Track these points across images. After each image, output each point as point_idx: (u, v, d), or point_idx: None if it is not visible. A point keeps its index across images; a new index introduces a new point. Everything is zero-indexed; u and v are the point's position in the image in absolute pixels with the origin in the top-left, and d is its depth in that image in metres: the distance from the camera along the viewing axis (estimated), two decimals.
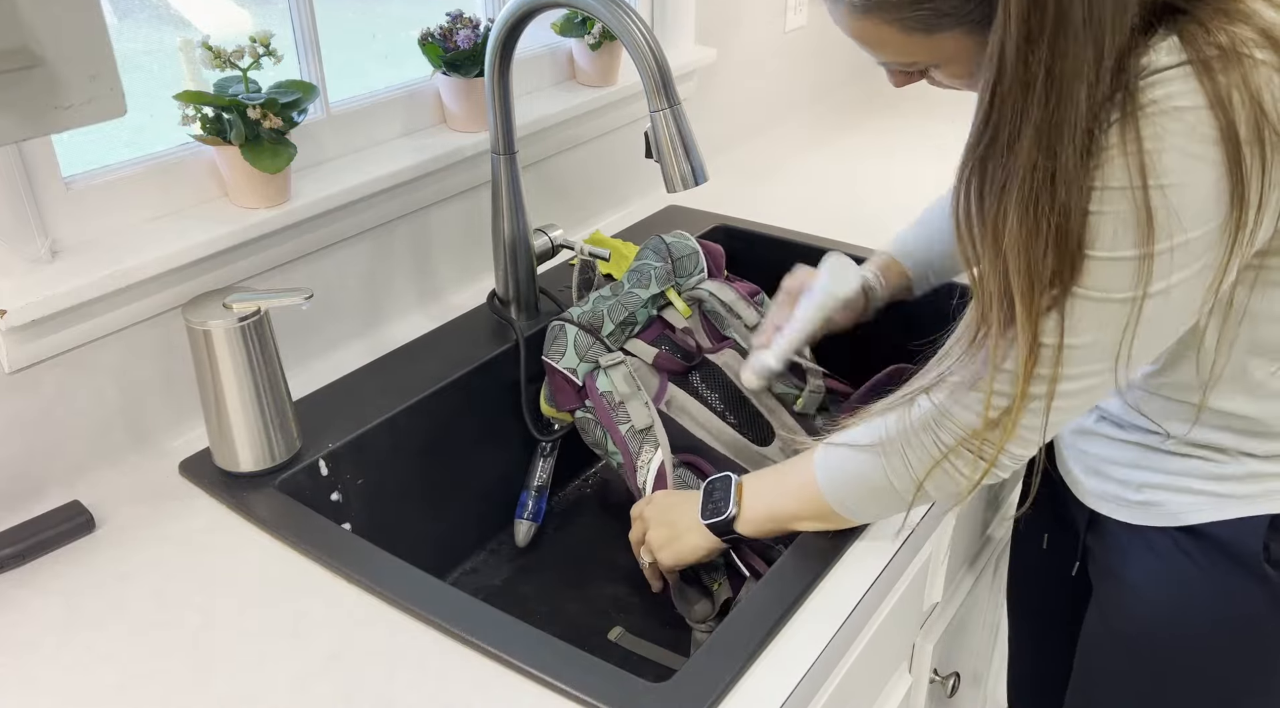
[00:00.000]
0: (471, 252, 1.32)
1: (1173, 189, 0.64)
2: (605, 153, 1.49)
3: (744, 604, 0.82)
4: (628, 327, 1.15)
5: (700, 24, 1.61)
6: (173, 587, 0.85)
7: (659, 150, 0.99)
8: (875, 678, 0.98)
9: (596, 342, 1.11)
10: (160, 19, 1.15)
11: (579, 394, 1.10)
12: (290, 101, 1.02)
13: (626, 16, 0.95)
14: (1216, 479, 0.85)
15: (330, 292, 1.15)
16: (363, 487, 1.04)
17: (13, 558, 0.86)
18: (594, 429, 1.09)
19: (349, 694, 0.75)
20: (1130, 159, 0.64)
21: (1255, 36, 0.63)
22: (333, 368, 1.14)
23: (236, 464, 0.96)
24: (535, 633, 0.79)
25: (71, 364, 0.94)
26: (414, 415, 1.08)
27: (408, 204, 1.20)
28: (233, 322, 0.90)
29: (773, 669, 0.77)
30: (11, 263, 0.90)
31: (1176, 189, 0.64)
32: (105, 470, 0.98)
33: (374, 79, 1.24)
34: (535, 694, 0.75)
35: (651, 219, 1.52)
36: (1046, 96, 0.63)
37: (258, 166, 1.00)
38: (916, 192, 1.65)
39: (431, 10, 1.22)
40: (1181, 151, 0.64)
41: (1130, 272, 0.67)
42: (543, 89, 1.42)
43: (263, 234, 1.04)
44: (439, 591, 0.84)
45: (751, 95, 1.83)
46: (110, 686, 0.76)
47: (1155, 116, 0.64)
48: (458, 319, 1.25)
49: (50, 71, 0.58)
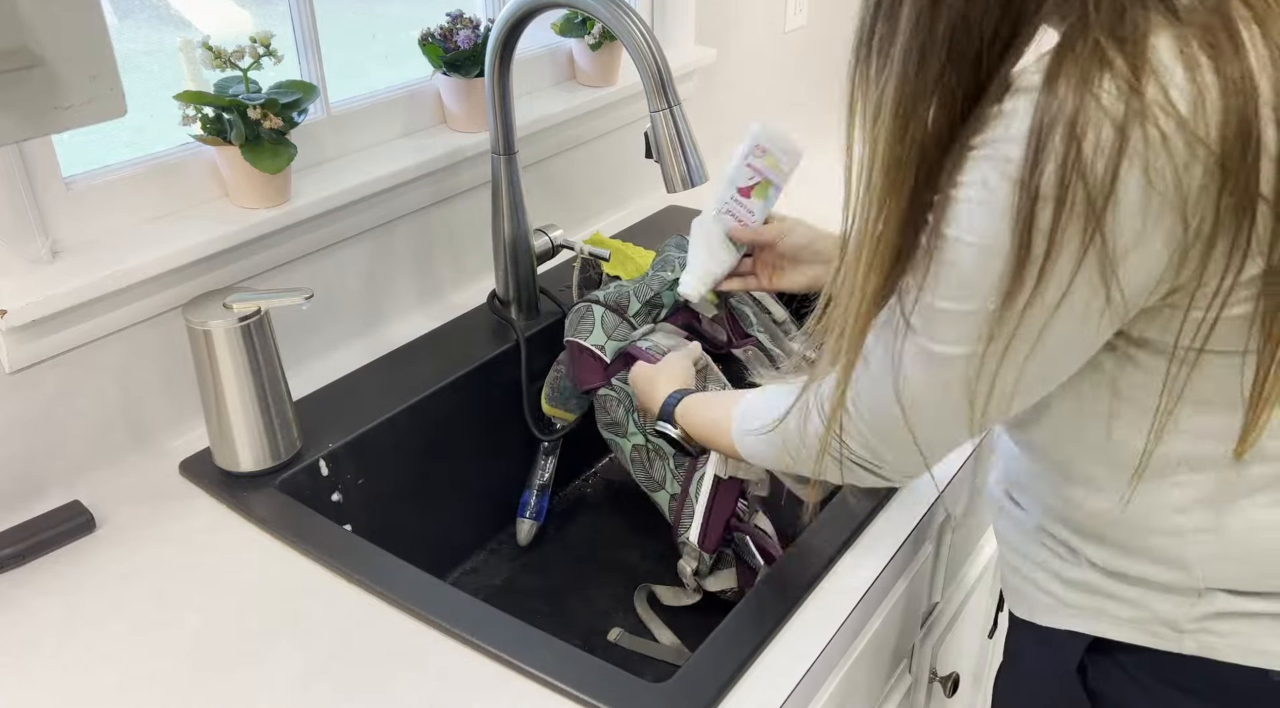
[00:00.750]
0: (471, 252, 1.32)
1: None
2: (605, 153, 1.49)
3: (744, 604, 0.82)
4: (654, 309, 1.15)
5: (700, 24, 1.61)
6: (173, 587, 0.85)
7: (659, 150, 0.99)
8: (875, 678, 0.98)
9: (623, 321, 1.12)
10: (160, 19, 1.15)
11: (605, 372, 1.10)
12: (290, 102, 1.02)
13: (626, 16, 0.95)
14: (1061, 581, 0.76)
15: (330, 292, 1.15)
16: (363, 487, 1.04)
17: (13, 558, 0.86)
18: (615, 408, 1.09)
19: (349, 694, 0.75)
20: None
21: (1124, 75, 0.54)
22: (333, 368, 1.14)
23: (236, 464, 0.96)
24: (535, 633, 0.79)
25: (72, 364, 0.94)
26: (414, 415, 1.08)
27: (408, 204, 1.20)
28: (233, 322, 0.90)
29: (773, 669, 0.77)
30: (12, 263, 0.90)
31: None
32: (105, 470, 0.98)
33: (374, 79, 1.24)
34: (535, 694, 0.75)
35: (651, 219, 1.52)
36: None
37: (258, 167, 1.00)
38: None
39: (431, 10, 1.22)
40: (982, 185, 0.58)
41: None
42: (543, 89, 1.42)
43: (263, 234, 1.04)
44: (439, 591, 0.84)
45: (751, 95, 1.83)
46: (110, 686, 0.76)
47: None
48: (458, 319, 1.25)
49: (50, 71, 0.58)
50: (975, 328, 0.61)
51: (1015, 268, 0.58)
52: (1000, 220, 0.57)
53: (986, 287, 0.59)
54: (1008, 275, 0.58)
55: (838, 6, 1.97)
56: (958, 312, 0.61)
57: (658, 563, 1.16)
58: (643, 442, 1.08)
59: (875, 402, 0.68)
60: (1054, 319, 0.59)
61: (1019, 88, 0.57)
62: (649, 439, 1.08)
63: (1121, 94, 0.54)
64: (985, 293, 0.60)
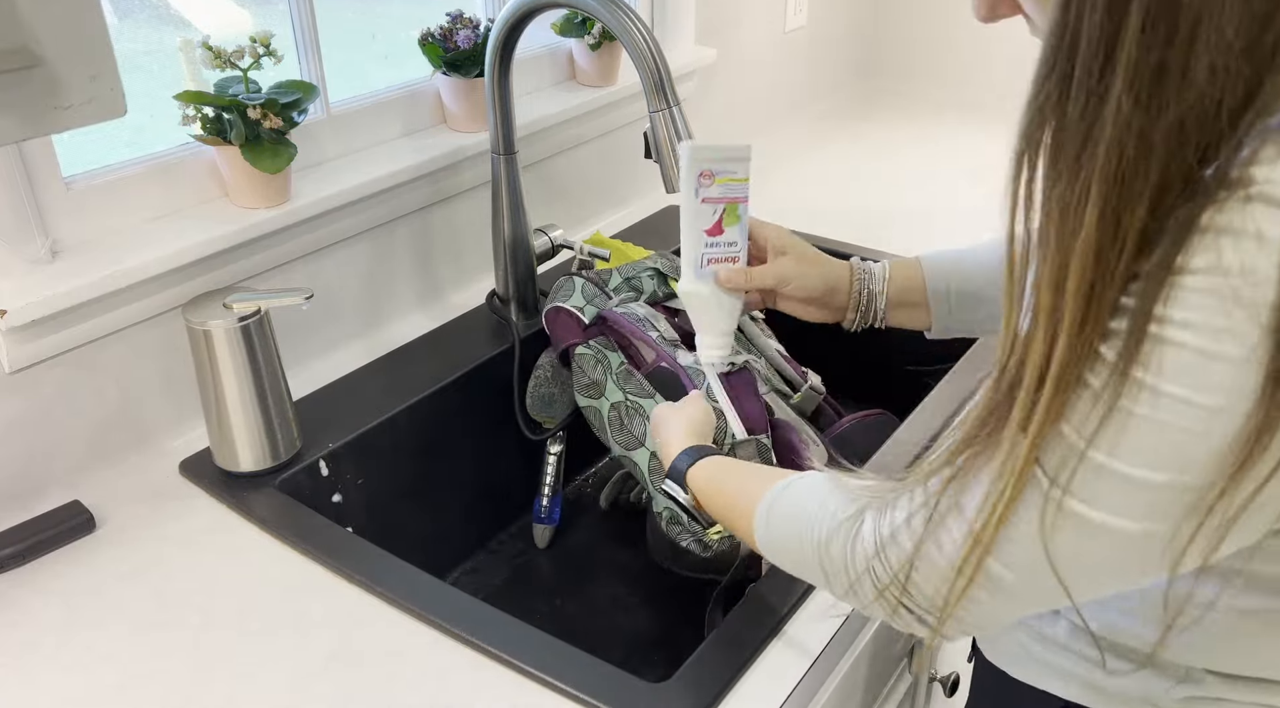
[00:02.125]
0: (471, 252, 1.32)
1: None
2: (605, 153, 1.49)
3: (744, 604, 0.82)
4: (634, 292, 1.15)
5: (700, 24, 1.61)
6: (173, 587, 0.85)
7: (658, 150, 0.99)
8: (875, 678, 0.98)
9: (601, 293, 1.13)
10: (160, 19, 1.15)
11: (583, 332, 1.11)
12: (290, 102, 1.02)
13: (626, 16, 0.95)
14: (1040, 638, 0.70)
15: (330, 292, 1.15)
16: (363, 486, 1.04)
17: (13, 558, 0.86)
18: (593, 368, 1.09)
19: (349, 694, 0.75)
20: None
21: None
22: (333, 368, 1.14)
23: (236, 464, 0.96)
24: (535, 633, 0.79)
25: (71, 364, 0.94)
26: (414, 415, 1.08)
27: (408, 204, 1.20)
28: (233, 322, 0.90)
29: (773, 669, 0.77)
30: (11, 263, 0.90)
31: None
32: (105, 470, 0.98)
33: (374, 79, 1.24)
34: (535, 694, 0.75)
35: (651, 219, 1.52)
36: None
37: (258, 167, 1.00)
38: (917, 191, 1.66)
39: (431, 10, 1.22)
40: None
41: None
42: (543, 89, 1.42)
43: (263, 234, 1.04)
44: (439, 591, 0.84)
45: (751, 95, 1.83)
46: (110, 686, 0.76)
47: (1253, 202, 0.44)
48: (457, 319, 1.25)
49: (50, 71, 0.58)
50: (1164, 503, 0.48)
51: (1254, 440, 0.45)
52: (1238, 378, 0.44)
53: (1201, 457, 0.46)
54: (1238, 448, 0.45)
55: (838, 6, 1.98)
56: (1140, 480, 0.48)
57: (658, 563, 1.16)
58: (621, 398, 1.06)
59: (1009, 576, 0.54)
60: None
61: (1257, 195, 0.43)
62: (629, 397, 1.06)
63: None
64: (1194, 465, 0.47)
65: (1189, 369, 0.46)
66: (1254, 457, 0.45)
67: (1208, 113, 0.44)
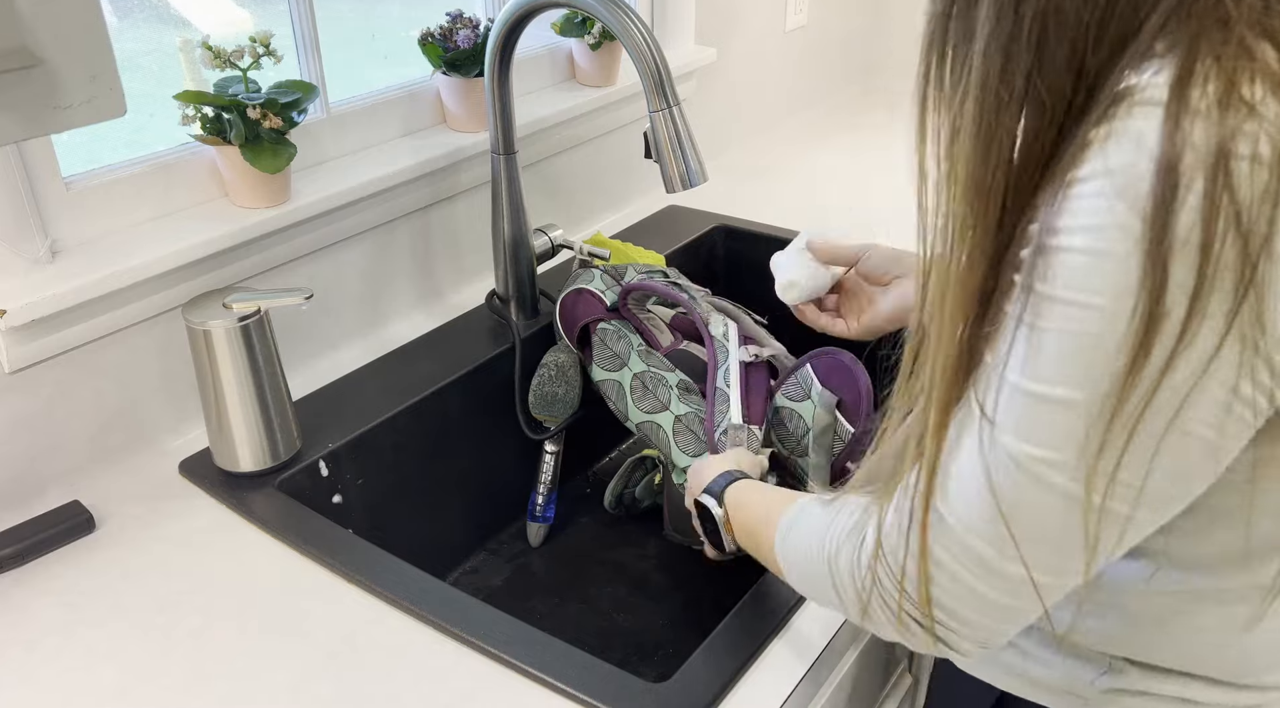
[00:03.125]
0: (471, 251, 1.32)
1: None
2: (605, 153, 1.49)
3: (744, 604, 0.82)
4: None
5: (700, 24, 1.61)
6: (173, 587, 0.85)
7: (658, 150, 0.99)
8: (875, 678, 0.98)
9: (617, 283, 1.15)
10: (160, 19, 1.15)
11: (606, 311, 1.13)
12: (290, 101, 1.02)
13: (626, 16, 0.95)
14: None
15: (330, 292, 1.15)
16: (363, 487, 1.04)
17: (13, 558, 0.86)
18: (616, 342, 1.10)
19: (349, 694, 0.75)
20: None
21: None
22: (333, 368, 1.14)
23: (236, 464, 0.96)
24: (535, 633, 0.79)
25: (71, 364, 0.94)
26: (414, 415, 1.08)
27: (408, 204, 1.20)
28: (233, 322, 0.90)
29: (773, 669, 0.77)
30: (11, 263, 0.90)
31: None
32: (105, 470, 0.98)
33: (374, 79, 1.24)
34: (535, 694, 0.75)
35: (651, 219, 1.52)
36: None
37: (258, 167, 1.00)
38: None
39: (431, 10, 1.22)
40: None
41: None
42: (543, 89, 1.42)
43: (263, 234, 1.04)
44: (439, 591, 0.84)
45: (751, 95, 1.83)
46: (110, 686, 0.76)
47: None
48: (457, 319, 1.25)
49: (50, 71, 0.58)
50: (1082, 424, 0.48)
51: (1141, 336, 0.45)
52: (1122, 274, 0.45)
53: (1101, 363, 0.46)
54: (1128, 347, 0.45)
55: (838, 6, 1.98)
56: (1057, 399, 0.48)
57: (658, 563, 1.16)
58: (644, 368, 1.08)
59: (962, 530, 0.53)
60: (1185, 409, 0.46)
61: (1139, 101, 0.45)
62: (650, 368, 1.08)
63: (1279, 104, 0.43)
64: (1098, 373, 0.46)
65: (1080, 271, 0.46)
66: (1147, 351, 0.45)
67: (1065, 19, 0.47)
